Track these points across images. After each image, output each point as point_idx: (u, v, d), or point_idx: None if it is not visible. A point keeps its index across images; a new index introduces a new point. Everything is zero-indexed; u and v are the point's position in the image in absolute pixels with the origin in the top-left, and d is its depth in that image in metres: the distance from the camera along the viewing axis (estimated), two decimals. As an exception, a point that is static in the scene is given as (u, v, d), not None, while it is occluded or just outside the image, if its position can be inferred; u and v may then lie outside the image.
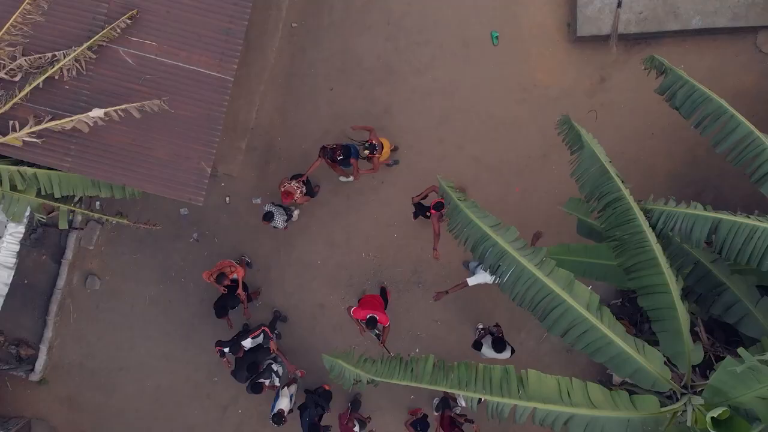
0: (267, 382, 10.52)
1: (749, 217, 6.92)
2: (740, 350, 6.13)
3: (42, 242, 11.99)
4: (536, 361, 11.38)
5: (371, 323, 10.06)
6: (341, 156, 10.49)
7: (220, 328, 11.53)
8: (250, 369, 10.36)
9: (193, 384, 12.00)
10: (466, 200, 7.31)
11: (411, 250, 11.74)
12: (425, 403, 11.63)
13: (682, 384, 7.44)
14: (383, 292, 11.46)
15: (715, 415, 6.32)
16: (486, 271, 7.89)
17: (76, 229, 11.76)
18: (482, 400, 6.87)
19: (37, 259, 12.01)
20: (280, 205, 11.07)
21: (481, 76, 11.75)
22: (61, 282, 11.87)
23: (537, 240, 10.30)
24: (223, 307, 10.77)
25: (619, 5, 11.40)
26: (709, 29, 11.65)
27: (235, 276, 10.65)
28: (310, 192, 11.13)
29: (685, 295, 8.57)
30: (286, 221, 11.09)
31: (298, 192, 10.60)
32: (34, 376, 12.03)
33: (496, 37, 11.64)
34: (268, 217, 10.68)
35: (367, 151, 10.32)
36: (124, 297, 12.01)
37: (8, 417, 12.09)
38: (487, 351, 10.25)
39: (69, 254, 11.83)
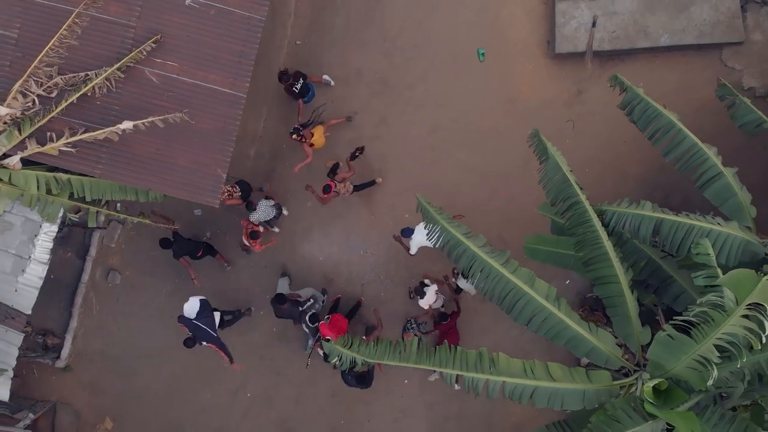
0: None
1: (688, 216, 8.21)
2: (665, 325, 7.40)
3: (67, 241, 13.29)
4: (518, 349, 12.64)
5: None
6: (298, 84, 11.99)
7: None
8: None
9: (206, 370, 13.25)
10: (443, 213, 8.60)
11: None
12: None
13: (636, 362, 8.71)
14: (357, 305, 12.84)
15: (653, 386, 7.59)
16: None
17: (99, 228, 13.05)
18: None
19: (63, 256, 13.30)
20: (275, 204, 12.41)
21: (469, 89, 13.04)
22: (85, 277, 13.19)
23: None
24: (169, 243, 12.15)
25: (593, 25, 12.70)
26: (677, 46, 12.93)
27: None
28: (245, 193, 12.24)
29: (644, 287, 9.87)
30: (271, 219, 12.36)
31: (226, 194, 11.82)
32: (60, 363, 13.27)
33: (483, 53, 12.93)
34: (250, 207, 12.07)
35: (293, 134, 11.86)
36: (142, 291, 13.30)
37: (35, 401, 13.32)
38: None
39: (93, 251, 13.15)
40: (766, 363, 7.48)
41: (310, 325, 11.78)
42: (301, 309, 11.85)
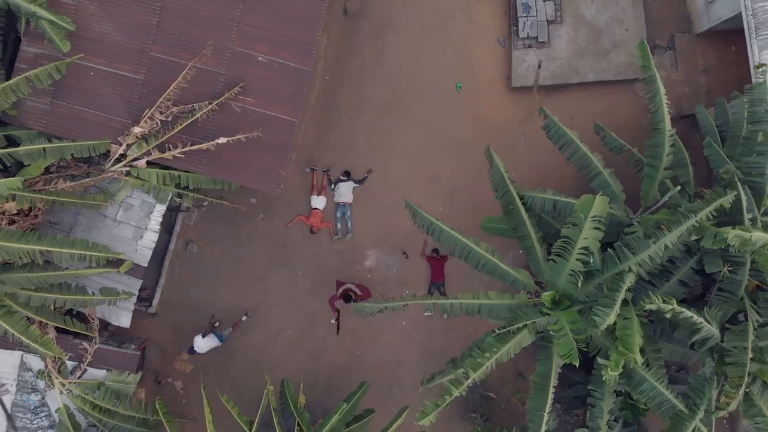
0: None
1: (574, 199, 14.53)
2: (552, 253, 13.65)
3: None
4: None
5: None
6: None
7: (278, 278, 19.16)
8: None
9: (258, 316, 19.51)
10: (421, 209, 14.80)
11: (404, 227, 19.26)
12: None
13: (546, 288, 14.95)
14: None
15: (547, 297, 13.86)
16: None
17: (182, 211, 19.34)
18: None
19: (154, 231, 19.53)
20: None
21: (449, 111, 19.42)
22: (171, 247, 19.43)
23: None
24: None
25: (539, 66, 19.04)
26: (601, 81, 19.29)
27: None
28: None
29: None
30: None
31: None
32: (151, 310, 19.38)
33: (459, 86, 19.29)
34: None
35: None
36: (212, 257, 19.53)
37: (132, 337, 19.40)
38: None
39: (177, 227, 19.41)
40: (612, 279, 13.68)
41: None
42: None
